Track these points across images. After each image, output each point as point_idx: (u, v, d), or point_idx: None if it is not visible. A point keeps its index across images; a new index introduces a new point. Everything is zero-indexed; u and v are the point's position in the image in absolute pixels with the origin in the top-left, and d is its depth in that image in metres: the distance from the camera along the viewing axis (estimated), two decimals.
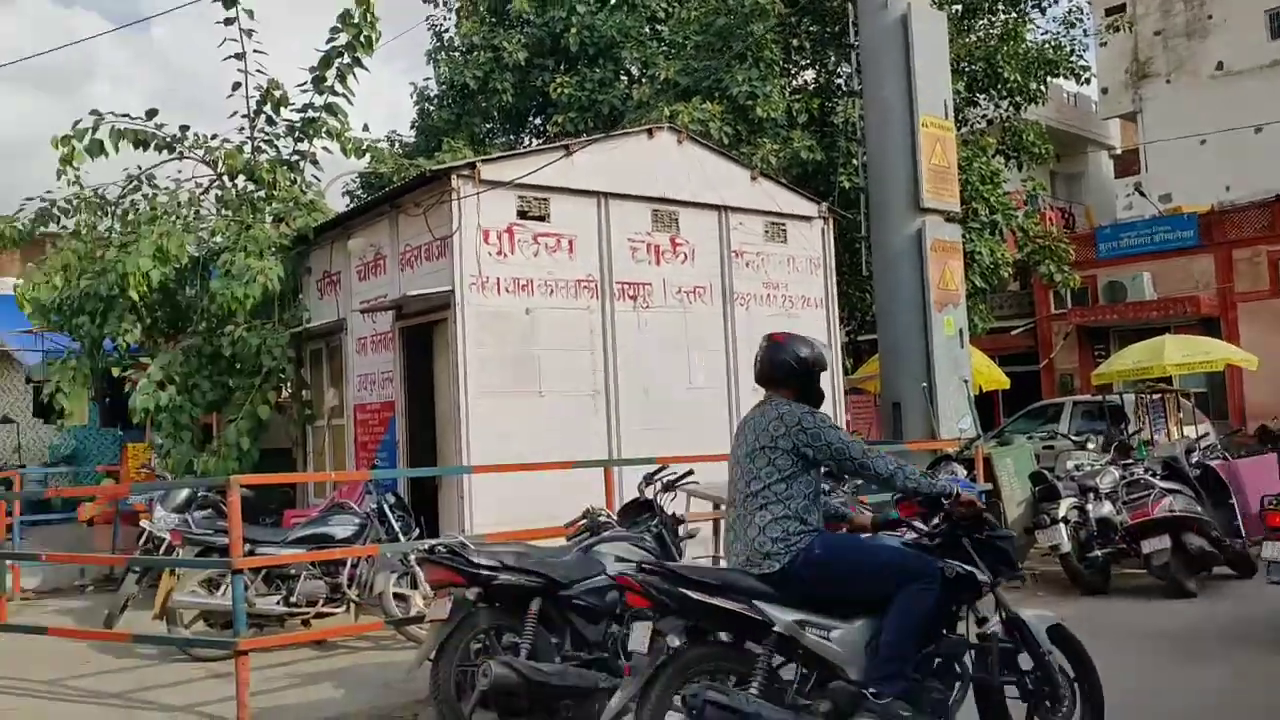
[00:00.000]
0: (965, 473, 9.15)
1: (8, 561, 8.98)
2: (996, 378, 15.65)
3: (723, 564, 8.26)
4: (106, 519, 11.68)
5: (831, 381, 10.50)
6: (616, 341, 9.03)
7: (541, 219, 8.78)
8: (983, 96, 15.89)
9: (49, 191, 11.33)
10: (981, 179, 14.55)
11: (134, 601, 8.18)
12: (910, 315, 10.95)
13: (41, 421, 18.07)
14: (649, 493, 6.58)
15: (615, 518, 6.42)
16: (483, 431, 8.22)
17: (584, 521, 6.29)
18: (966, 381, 11.29)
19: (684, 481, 6.71)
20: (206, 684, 6.59)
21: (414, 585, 7.45)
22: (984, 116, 16.78)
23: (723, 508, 8.39)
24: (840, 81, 15.51)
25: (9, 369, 19.84)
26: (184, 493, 8.69)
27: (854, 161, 13.06)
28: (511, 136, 16.89)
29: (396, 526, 7.63)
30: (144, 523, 8.94)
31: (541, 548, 5.78)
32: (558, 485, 7.44)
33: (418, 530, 7.86)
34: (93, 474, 14.24)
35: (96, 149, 10.77)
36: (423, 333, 9.06)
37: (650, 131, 9.67)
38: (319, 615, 7.37)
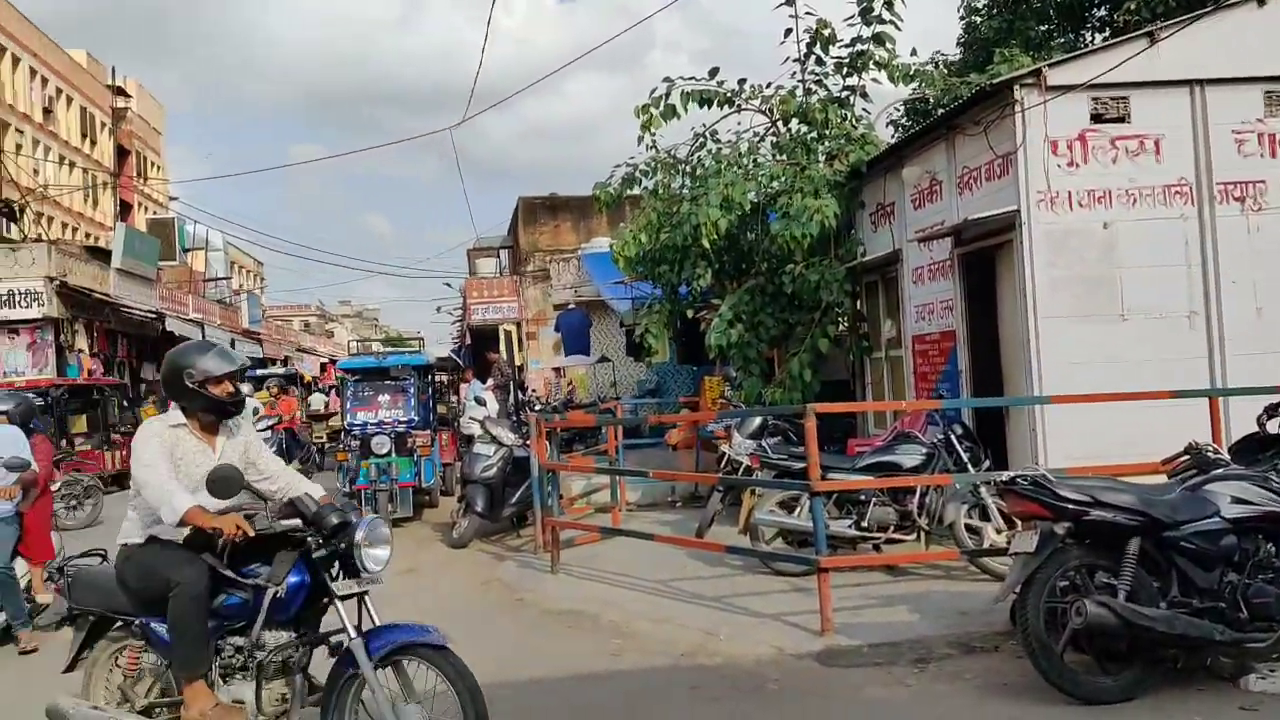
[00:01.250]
0: None
1: (618, 477, 10.52)
2: None
3: None
4: (688, 444, 13.15)
5: None
6: (1219, 253, 7.80)
7: (1120, 120, 7.84)
8: None
9: (631, 157, 12.78)
10: None
11: (718, 517, 9.07)
12: None
13: (632, 360, 20.96)
14: (1273, 427, 5.56)
15: (1227, 454, 5.57)
16: (1055, 359, 7.67)
17: (1187, 458, 5.57)
18: None
19: None
20: (788, 596, 7.03)
21: (985, 517, 7.25)
22: None
23: None
24: None
25: (606, 316, 23.30)
26: (756, 421, 9.43)
27: None
28: (1071, 35, 15.35)
29: (965, 457, 7.47)
30: (723, 448, 9.84)
31: (1134, 484, 5.20)
32: (1144, 417, 6.80)
33: (987, 462, 7.59)
34: (673, 404, 16.11)
35: (669, 113, 11.74)
36: (984, 257, 8.63)
37: None
38: (889, 541, 7.50)
